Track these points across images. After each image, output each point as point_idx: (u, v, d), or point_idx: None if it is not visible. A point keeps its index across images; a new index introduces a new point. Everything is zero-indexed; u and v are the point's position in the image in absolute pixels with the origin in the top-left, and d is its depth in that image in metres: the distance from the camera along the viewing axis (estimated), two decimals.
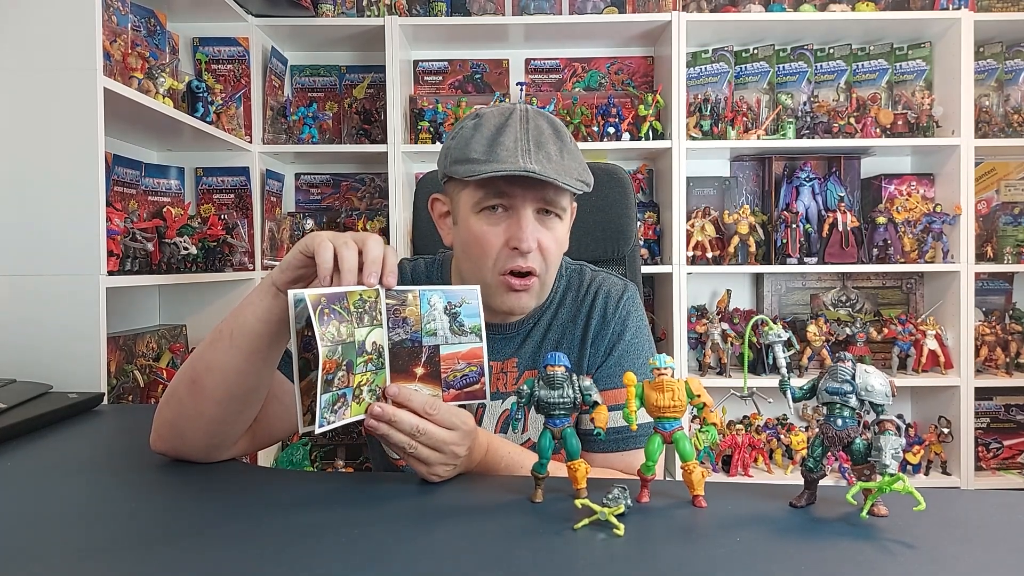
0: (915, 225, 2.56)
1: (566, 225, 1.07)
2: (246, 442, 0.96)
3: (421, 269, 1.20)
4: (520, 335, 1.13)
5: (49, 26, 1.50)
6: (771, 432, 2.56)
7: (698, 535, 0.71)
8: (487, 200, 1.01)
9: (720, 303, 2.69)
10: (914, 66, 2.68)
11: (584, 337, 1.12)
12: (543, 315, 1.14)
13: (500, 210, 1.01)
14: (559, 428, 0.79)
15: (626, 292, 1.15)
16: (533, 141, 0.99)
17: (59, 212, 1.50)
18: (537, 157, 0.97)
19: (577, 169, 1.01)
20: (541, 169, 0.96)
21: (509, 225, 1.01)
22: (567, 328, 1.13)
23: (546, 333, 1.13)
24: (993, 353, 2.59)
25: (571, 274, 1.18)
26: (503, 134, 0.99)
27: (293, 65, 2.78)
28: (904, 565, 0.63)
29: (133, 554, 0.67)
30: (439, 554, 0.66)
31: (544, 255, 1.02)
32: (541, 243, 1.01)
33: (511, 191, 0.99)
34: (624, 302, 1.14)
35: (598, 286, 1.15)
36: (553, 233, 1.03)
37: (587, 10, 2.68)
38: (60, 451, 1.05)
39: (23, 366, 1.44)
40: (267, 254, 2.50)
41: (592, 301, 1.14)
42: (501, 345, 1.12)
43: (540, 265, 1.03)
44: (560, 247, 1.06)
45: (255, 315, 0.85)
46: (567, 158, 1.01)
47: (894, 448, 0.68)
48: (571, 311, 1.14)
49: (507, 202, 1.01)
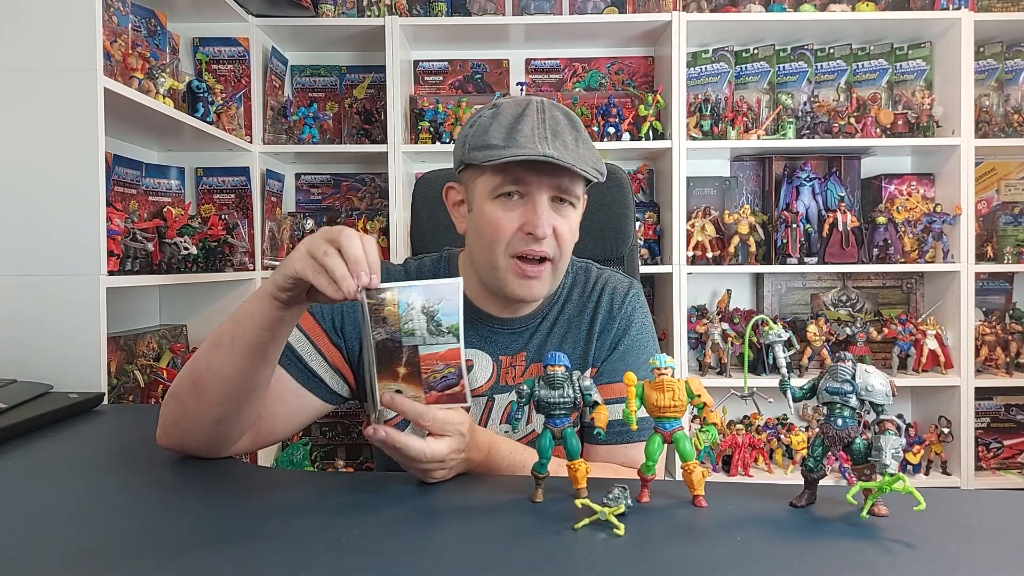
0: (915, 225, 2.56)
1: (579, 214, 1.09)
2: (249, 439, 0.98)
3: (427, 267, 1.20)
4: (528, 329, 1.15)
5: (49, 26, 1.50)
6: (771, 432, 2.56)
7: (698, 535, 0.71)
8: (504, 186, 1.03)
9: (720, 303, 2.69)
10: (914, 66, 2.68)
11: (590, 331, 1.14)
12: (550, 310, 1.16)
13: (516, 197, 1.03)
14: (559, 428, 0.79)
15: (632, 289, 1.18)
16: (550, 130, 1.01)
17: (59, 212, 1.50)
18: (555, 144, 1.00)
19: (592, 158, 1.03)
20: (559, 155, 0.98)
21: (525, 211, 1.02)
22: (573, 322, 1.15)
23: (552, 327, 1.15)
24: (993, 353, 2.59)
25: (577, 271, 1.20)
26: (521, 122, 1.02)
27: (293, 65, 2.78)
28: (904, 565, 0.63)
29: (133, 554, 0.67)
30: (439, 554, 0.66)
31: (559, 242, 1.04)
32: (556, 229, 1.03)
33: (528, 177, 1.01)
34: (630, 298, 1.16)
35: (604, 282, 1.17)
36: (568, 221, 1.05)
37: (587, 10, 2.68)
38: (60, 451, 1.05)
39: (23, 366, 1.43)
40: (267, 254, 2.50)
41: (599, 297, 1.16)
42: (510, 340, 1.14)
43: (554, 251, 1.04)
44: (573, 235, 1.07)
45: (254, 324, 0.86)
46: (583, 147, 1.03)
47: (894, 448, 0.68)
48: (577, 306, 1.16)
49: (523, 189, 1.03)
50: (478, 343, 1.13)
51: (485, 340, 1.13)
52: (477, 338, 1.13)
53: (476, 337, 1.13)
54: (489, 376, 1.12)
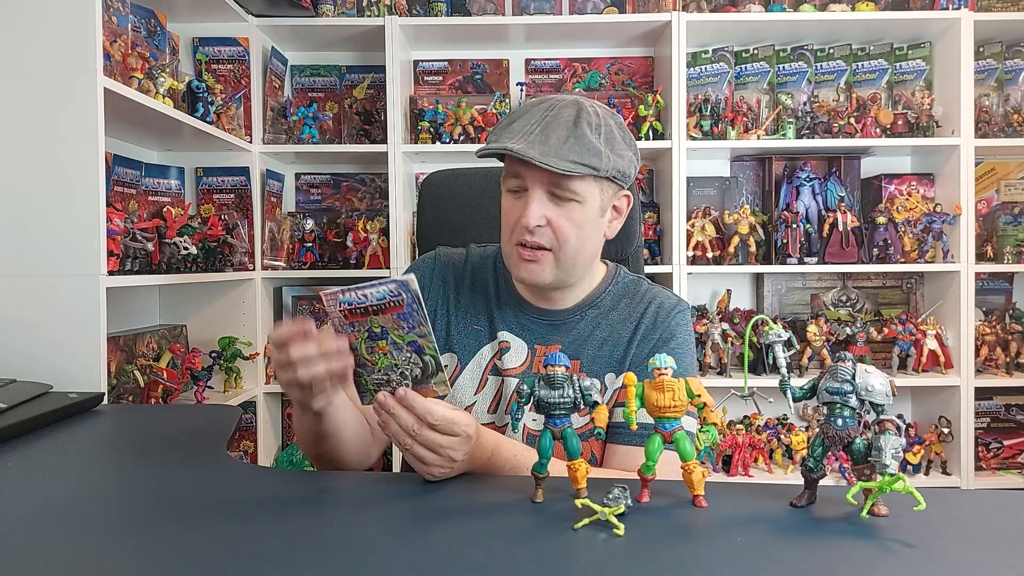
0: (915, 225, 2.56)
1: (589, 209, 1.08)
2: (377, 448, 1.12)
3: (487, 259, 1.26)
4: (567, 324, 1.17)
5: (49, 26, 1.50)
6: (771, 432, 2.56)
7: (698, 535, 0.71)
8: (508, 180, 1.10)
9: (720, 303, 2.69)
10: (914, 66, 2.68)
11: (632, 338, 1.15)
12: (590, 310, 1.18)
13: (521, 191, 1.09)
14: (559, 428, 0.79)
15: (679, 305, 1.19)
16: (541, 126, 1.04)
17: (59, 212, 1.50)
18: (531, 140, 1.03)
19: (580, 153, 1.03)
20: (523, 150, 1.01)
21: (523, 203, 1.07)
22: (615, 328, 1.16)
23: (594, 329, 1.16)
24: (993, 353, 2.59)
25: (628, 283, 1.22)
26: (519, 120, 1.07)
27: (293, 65, 2.78)
28: (904, 565, 0.63)
29: (133, 554, 0.67)
30: (439, 554, 0.66)
31: (556, 233, 1.07)
32: (552, 221, 1.06)
33: (521, 172, 1.06)
34: (676, 314, 1.17)
35: (653, 296, 1.20)
36: (568, 215, 1.07)
37: (587, 10, 2.68)
38: (60, 451, 1.05)
39: (23, 366, 1.44)
40: (267, 254, 2.50)
41: (645, 308, 1.17)
42: (547, 331, 1.17)
43: (550, 241, 1.07)
44: (578, 228, 1.08)
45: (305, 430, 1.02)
46: (572, 143, 1.03)
47: (894, 448, 0.68)
48: (623, 315, 1.18)
49: (521, 183, 1.08)
50: (517, 329, 1.18)
51: (523, 328, 1.17)
52: (516, 324, 1.18)
53: (514, 323, 1.18)
54: (523, 361, 1.16)
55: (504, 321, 1.18)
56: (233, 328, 2.38)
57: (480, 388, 1.16)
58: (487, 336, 1.18)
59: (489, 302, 1.20)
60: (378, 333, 0.87)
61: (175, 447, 1.07)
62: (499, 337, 1.17)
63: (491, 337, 1.18)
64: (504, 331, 1.17)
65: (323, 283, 2.68)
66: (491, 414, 1.15)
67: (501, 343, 1.17)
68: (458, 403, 1.15)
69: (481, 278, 1.23)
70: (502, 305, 1.20)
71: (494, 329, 1.18)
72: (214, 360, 2.26)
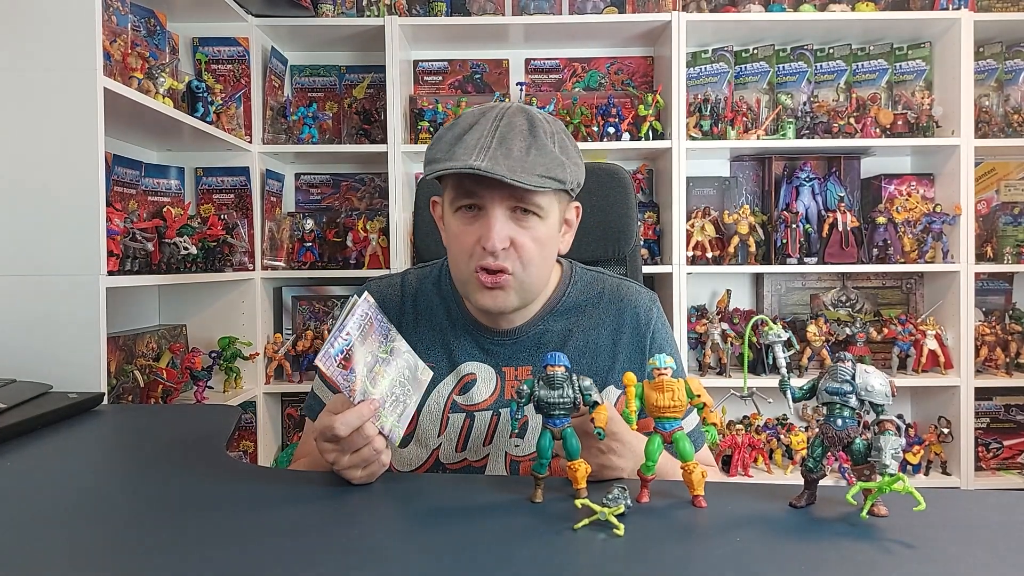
0: (915, 225, 2.56)
1: (549, 224, 1.02)
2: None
3: (427, 275, 1.17)
4: (531, 339, 1.10)
5: (49, 26, 1.50)
6: (771, 432, 2.56)
7: (698, 535, 0.71)
8: (459, 200, 1.00)
9: (720, 303, 2.69)
10: (914, 66, 2.68)
11: (614, 348, 1.10)
12: (548, 319, 1.11)
13: (475, 209, 1.00)
14: (559, 428, 0.79)
15: (654, 305, 1.15)
16: (497, 138, 0.95)
17: (59, 212, 1.50)
18: (493, 154, 0.93)
19: (545, 165, 0.95)
20: (489, 166, 0.92)
21: (481, 224, 0.98)
22: (590, 336, 1.10)
23: (566, 339, 1.10)
24: (993, 353, 2.59)
25: (589, 281, 1.15)
26: (469, 132, 0.97)
27: (293, 65, 2.78)
28: (904, 565, 0.63)
29: (133, 554, 0.67)
30: (439, 554, 0.66)
31: (519, 253, 0.99)
32: (515, 242, 0.98)
33: (478, 190, 0.97)
34: (655, 315, 1.14)
35: (622, 296, 1.14)
36: (531, 232, 0.99)
37: (587, 10, 2.68)
38: (60, 451, 1.05)
39: (23, 366, 1.43)
40: (267, 254, 2.50)
41: (620, 312, 1.12)
42: (512, 351, 1.10)
43: (514, 264, 0.99)
44: (540, 246, 1.01)
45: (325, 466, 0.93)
46: (535, 154, 0.95)
47: (894, 448, 0.68)
48: (596, 321, 1.12)
49: (478, 201, 0.98)
50: (480, 356, 1.10)
51: (486, 353, 1.10)
52: (478, 351, 1.10)
53: (477, 350, 1.10)
54: (492, 390, 1.08)
55: (464, 351, 1.09)
56: (233, 328, 2.38)
57: (443, 430, 1.08)
58: (445, 369, 1.09)
59: (444, 332, 1.11)
60: (371, 362, 0.86)
61: (175, 447, 1.07)
62: (462, 370, 1.09)
63: (450, 370, 1.09)
64: (468, 361, 1.09)
65: (323, 283, 2.68)
66: (460, 452, 1.08)
67: (465, 376, 1.08)
68: (424, 448, 1.08)
69: (426, 306, 1.13)
70: (458, 334, 1.10)
71: (454, 361, 1.09)
72: (214, 360, 2.26)
